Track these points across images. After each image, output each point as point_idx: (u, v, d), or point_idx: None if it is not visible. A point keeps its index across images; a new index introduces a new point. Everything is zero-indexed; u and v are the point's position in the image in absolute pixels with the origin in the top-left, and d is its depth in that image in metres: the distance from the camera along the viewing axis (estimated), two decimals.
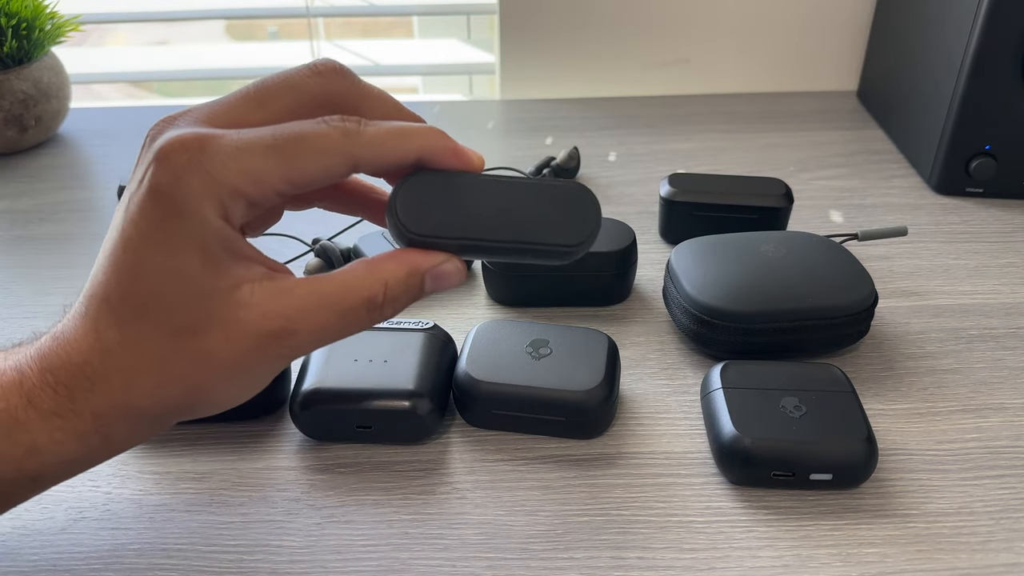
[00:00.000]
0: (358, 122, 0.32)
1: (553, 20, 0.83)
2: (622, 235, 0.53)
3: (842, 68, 0.85)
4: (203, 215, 0.30)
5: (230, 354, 0.31)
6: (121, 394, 0.31)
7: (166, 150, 0.30)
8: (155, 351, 0.31)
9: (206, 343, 0.31)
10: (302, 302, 0.32)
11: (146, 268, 0.30)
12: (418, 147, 0.33)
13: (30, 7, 0.71)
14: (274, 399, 0.46)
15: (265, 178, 0.31)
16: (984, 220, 0.63)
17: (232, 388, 0.33)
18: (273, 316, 0.31)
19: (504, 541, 0.38)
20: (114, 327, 0.31)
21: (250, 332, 0.31)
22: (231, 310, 0.31)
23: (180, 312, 0.31)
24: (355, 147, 0.32)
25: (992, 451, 0.43)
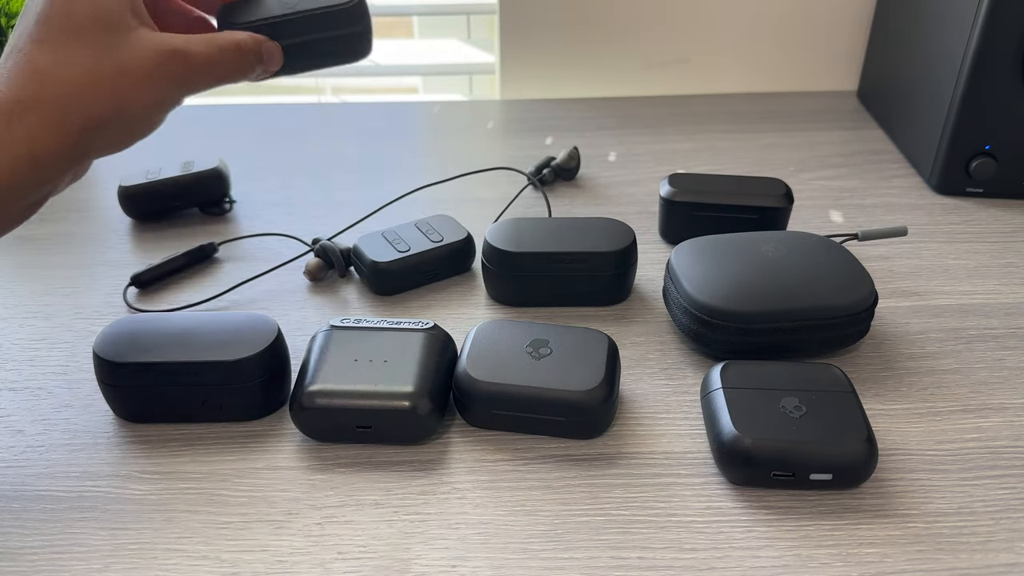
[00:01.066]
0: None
1: (553, 20, 0.83)
2: (622, 235, 0.53)
3: (842, 68, 0.85)
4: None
5: (140, 64, 0.40)
6: (54, 110, 0.38)
7: None
8: (82, 62, 0.39)
9: (121, 56, 0.40)
10: (188, 38, 0.42)
11: (74, 7, 0.39)
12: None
13: None
14: (274, 399, 0.46)
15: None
16: (984, 220, 0.63)
17: (144, 98, 0.41)
18: (170, 43, 0.41)
19: (504, 541, 0.38)
20: (47, 55, 0.39)
21: (153, 50, 0.41)
22: (138, 39, 0.41)
23: (100, 35, 0.40)
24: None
25: (992, 451, 0.43)
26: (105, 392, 0.45)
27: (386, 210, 0.64)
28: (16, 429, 0.45)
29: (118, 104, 0.40)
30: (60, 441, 0.44)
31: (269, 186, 0.68)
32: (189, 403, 0.44)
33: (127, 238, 0.62)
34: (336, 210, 0.65)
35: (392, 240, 0.55)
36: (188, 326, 0.45)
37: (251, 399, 0.45)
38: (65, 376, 0.48)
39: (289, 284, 0.56)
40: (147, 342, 0.44)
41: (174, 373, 0.43)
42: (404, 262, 0.54)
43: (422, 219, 0.58)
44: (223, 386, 0.44)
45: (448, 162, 0.73)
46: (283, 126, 0.79)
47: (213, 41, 0.43)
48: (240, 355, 0.43)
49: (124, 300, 0.55)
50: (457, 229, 0.57)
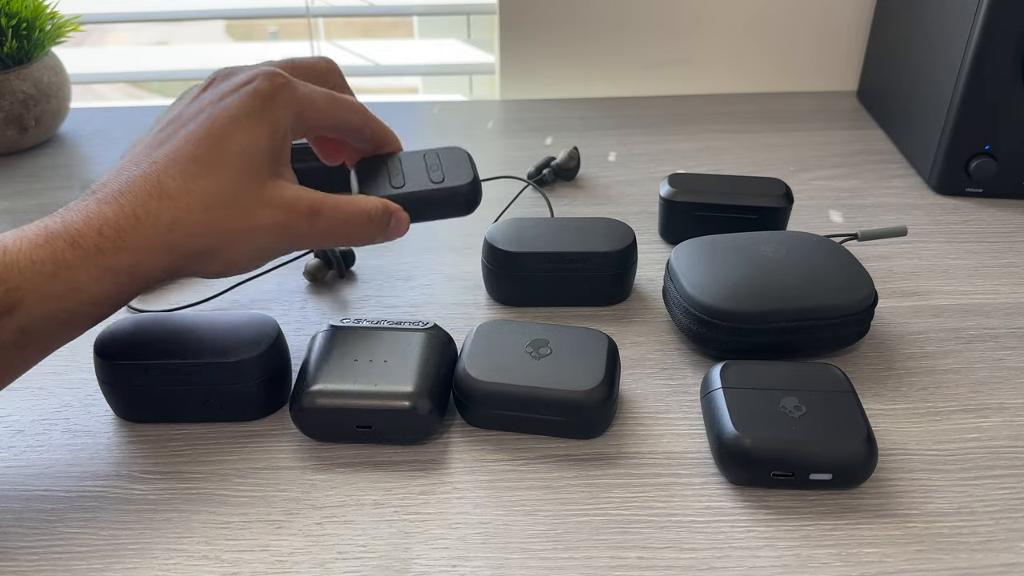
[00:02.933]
0: None
1: (553, 20, 0.83)
2: (622, 235, 0.53)
3: (842, 68, 0.85)
4: (282, 118, 0.42)
5: (265, 214, 0.41)
6: (164, 231, 0.39)
7: (269, 74, 0.42)
8: (211, 199, 0.40)
9: (250, 200, 0.41)
10: (322, 199, 0.43)
11: (229, 141, 0.40)
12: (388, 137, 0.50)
13: (30, 7, 0.71)
14: (274, 399, 0.46)
15: (323, 113, 0.44)
16: (984, 220, 0.63)
17: (250, 248, 0.42)
18: (303, 202, 0.42)
19: (504, 541, 0.38)
20: (177, 177, 0.39)
21: (287, 202, 0.42)
22: (275, 188, 0.42)
23: (242, 176, 0.40)
24: (368, 120, 0.47)
25: (992, 451, 0.43)
26: (105, 392, 0.45)
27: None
28: (16, 429, 0.45)
29: (225, 244, 0.41)
30: (60, 441, 0.44)
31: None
32: (189, 403, 0.44)
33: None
34: None
35: (391, 171, 0.49)
36: (188, 326, 0.45)
37: (251, 399, 0.45)
38: (65, 376, 0.48)
39: (289, 284, 0.56)
40: (147, 342, 0.44)
41: (174, 373, 0.43)
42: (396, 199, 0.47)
43: (432, 150, 0.50)
44: (223, 386, 0.44)
45: None
46: None
47: (345, 208, 0.43)
48: (240, 355, 0.43)
49: None
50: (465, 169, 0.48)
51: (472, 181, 0.47)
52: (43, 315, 0.37)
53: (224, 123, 0.41)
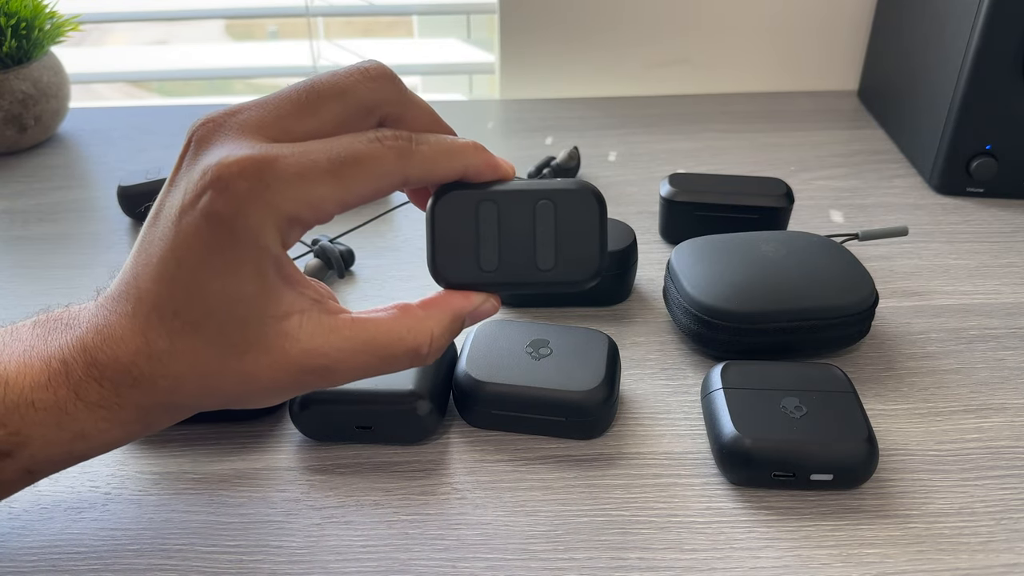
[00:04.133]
0: (410, 140, 0.33)
1: (553, 20, 0.83)
2: (622, 235, 0.53)
3: (842, 68, 0.85)
4: (263, 244, 0.31)
5: (270, 380, 0.33)
6: (164, 394, 0.33)
7: (223, 176, 0.30)
8: (203, 365, 0.32)
9: (250, 366, 0.32)
10: (347, 343, 0.33)
11: (203, 289, 0.31)
12: (463, 166, 0.34)
13: (29, 7, 0.71)
14: None
15: (323, 205, 0.31)
16: (985, 220, 0.63)
17: (264, 402, 0.35)
18: (316, 354, 0.32)
19: (504, 542, 0.38)
20: (164, 337, 0.32)
21: (293, 364, 0.32)
22: (279, 340, 0.32)
23: (231, 334, 0.32)
24: (407, 167, 0.33)
25: (993, 451, 0.43)
26: None
27: (387, 214, 0.64)
28: None
29: (234, 402, 0.34)
30: None
31: None
32: None
33: (127, 238, 0.62)
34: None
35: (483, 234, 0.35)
36: None
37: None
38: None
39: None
40: None
41: None
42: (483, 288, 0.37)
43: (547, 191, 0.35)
44: None
45: None
46: None
47: (376, 351, 0.33)
48: None
49: None
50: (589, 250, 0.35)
51: (596, 272, 0.34)
52: (47, 458, 0.34)
53: (191, 264, 0.31)
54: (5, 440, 0.33)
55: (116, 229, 0.63)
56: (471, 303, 0.35)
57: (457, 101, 0.95)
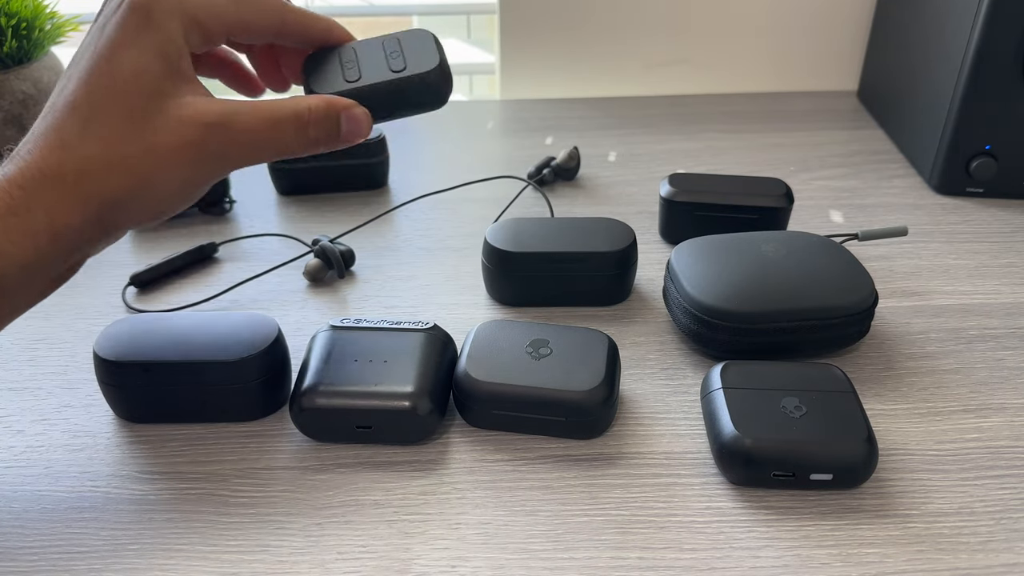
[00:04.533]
0: None
1: (553, 20, 0.83)
2: (622, 235, 0.53)
3: (842, 68, 0.85)
4: (170, 29, 0.37)
5: (172, 140, 0.37)
6: (72, 184, 0.36)
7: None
8: (109, 137, 0.36)
9: (152, 131, 0.37)
10: (236, 106, 0.38)
11: (114, 69, 0.37)
12: (327, 25, 0.43)
13: (30, 7, 0.71)
14: (274, 399, 0.46)
15: (223, 17, 0.39)
16: (984, 220, 0.63)
17: (172, 179, 0.38)
18: (211, 113, 0.37)
19: (504, 541, 0.38)
20: (76, 124, 0.36)
21: (189, 121, 0.37)
22: (176, 107, 0.37)
23: (136, 104, 0.37)
24: (288, 13, 0.41)
25: (992, 451, 0.43)
26: (105, 392, 0.45)
27: (387, 214, 0.64)
28: (16, 429, 0.45)
29: (141, 183, 0.37)
30: (60, 441, 0.44)
31: (269, 186, 0.68)
32: (189, 403, 0.44)
33: (127, 238, 0.62)
34: (336, 210, 0.65)
35: (345, 63, 0.43)
36: (188, 326, 0.45)
37: (251, 399, 0.45)
38: (65, 376, 0.48)
39: (289, 284, 0.56)
40: (147, 342, 0.44)
41: (174, 373, 0.43)
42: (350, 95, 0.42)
43: (391, 35, 0.44)
44: (223, 386, 0.44)
45: (448, 162, 0.73)
46: None
47: (271, 111, 0.39)
48: (240, 355, 0.43)
49: (123, 300, 0.55)
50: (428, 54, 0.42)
51: (439, 65, 0.41)
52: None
53: (106, 52, 0.37)
54: None
55: None
56: (343, 102, 0.40)
57: (457, 101, 0.95)
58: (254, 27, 0.41)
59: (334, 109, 0.40)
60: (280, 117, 0.39)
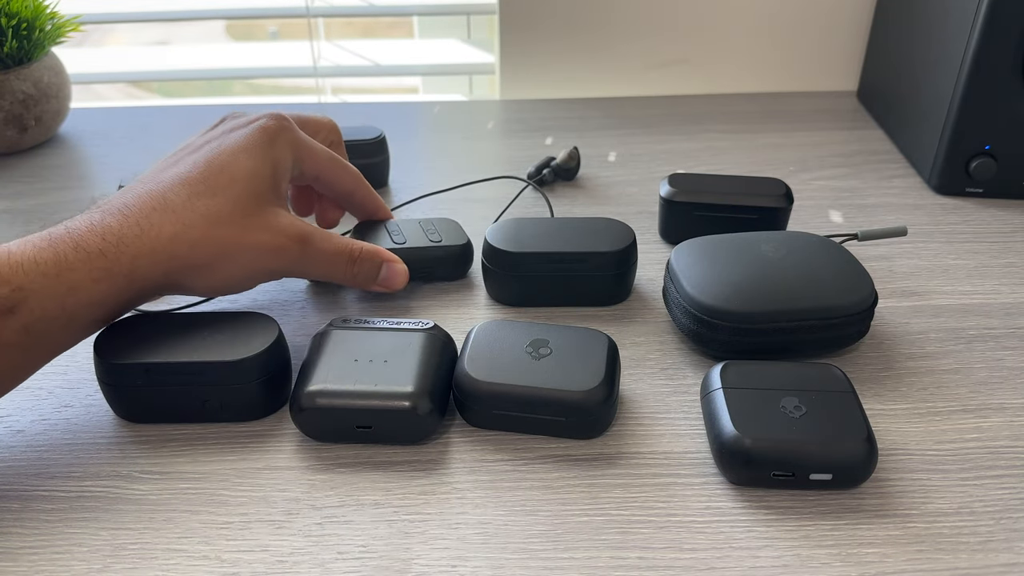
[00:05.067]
0: None
1: (553, 20, 0.83)
2: (622, 235, 0.53)
3: (842, 68, 0.85)
4: (285, 156, 0.47)
5: (262, 236, 0.44)
6: (166, 242, 0.42)
7: (275, 115, 0.48)
8: (212, 214, 0.43)
9: (248, 222, 0.44)
10: (314, 230, 0.47)
11: (234, 165, 0.44)
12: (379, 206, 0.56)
13: (30, 7, 0.71)
14: (274, 399, 0.46)
15: (318, 166, 0.50)
16: (984, 220, 0.63)
17: (245, 266, 0.45)
18: (299, 225, 0.46)
19: (504, 541, 0.38)
20: (182, 195, 0.43)
21: (282, 227, 0.45)
22: (274, 215, 0.45)
23: (243, 197, 0.44)
24: (359, 187, 0.54)
25: (992, 451, 0.43)
26: (105, 392, 0.45)
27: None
28: (16, 429, 0.45)
29: (222, 259, 0.43)
30: (60, 441, 0.44)
31: None
32: (189, 403, 0.44)
33: None
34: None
35: (392, 231, 0.56)
36: (188, 326, 0.45)
37: (251, 399, 0.45)
38: (65, 376, 0.48)
39: (289, 284, 0.56)
40: (147, 342, 0.44)
41: (174, 373, 0.43)
42: (399, 254, 0.53)
43: (426, 219, 0.58)
44: (223, 386, 0.44)
45: (448, 162, 0.73)
46: None
47: (334, 243, 0.48)
48: (240, 355, 0.43)
49: None
50: (459, 234, 0.56)
51: (468, 242, 0.56)
52: (44, 315, 0.39)
53: (231, 151, 0.45)
54: (8, 297, 0.38)
55: None
56: (389, 254, 0.51)
57: (457, 101, 0.95)
58: (336, 185, 0.52)
59: (379, 256, 0.50)
60: (340, 249, 0.48)
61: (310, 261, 0.47)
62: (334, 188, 0.52)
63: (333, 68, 0.93)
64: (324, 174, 0.51)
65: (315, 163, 0.50)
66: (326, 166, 0.50)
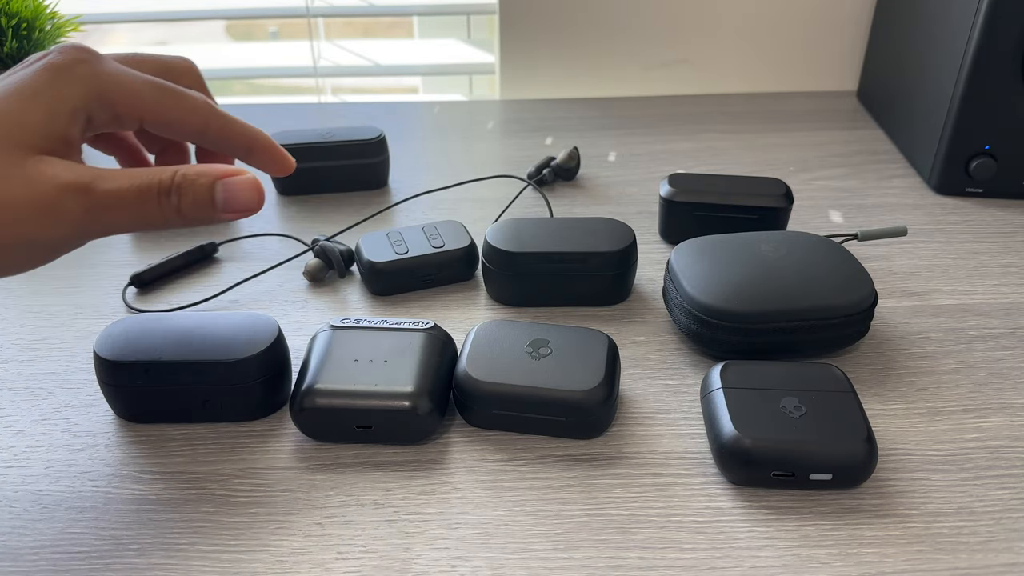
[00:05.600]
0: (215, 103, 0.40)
1: (553, 20, 0.83)
2: (622, 235, 0.53)
3: (842, 68, 0.85)
4: (70, 94, 0.35)
5: (27, 192, 0.34)
6: None
7: (68, 47, 0.36)
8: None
9: (9, 178, 0.33)
10: (104, 172, 0.35)
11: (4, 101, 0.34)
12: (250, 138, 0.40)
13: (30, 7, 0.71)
14: (274, 399, 0.46)
15: (140, 104, 0.37)
16: (984, 220, 0.63)
17: (15, 239, 0.34)
18: (75, 174, 0.34)
19: (504, 541, 0.38)
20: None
21: (46, 177, 0.34)
22: (42, 163, 0.34)
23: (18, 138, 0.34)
24: (213, 118, 0.39)
25: (992, 451, 0.43)
26: (105, 392, 0.45)
27: (386, 212, 0.64)
28: (16, 429, 0.45)
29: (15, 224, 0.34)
30: (60, 441, 0.44)
31: (269, 186, 0.68)
32: (189, 403, 0.44)
33: (127, 238, 0.62)
34: (336, 210, 0.65)
35: (393, 241, 0.55)
36: (188, 326, 0.45)
37: (251, 399, 0.45)
38: (65, 376, 0.48)
39: (289, 284, 0.56)
40: (147, 342, 0.44)
41: (174, 373, 0.43)
42: (401, 264, 0.54)
43: (429, 223, 0.57)
44: (223, 386, 0.44)
45: (448, 162, 0.73)
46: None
47: (128, 176, 0.35)
48: (240, 355, 0.43)
49: (124, 300, 0.55)
50: (462, 236, 0.56)
51: (471, 243, 0.55)
52: None
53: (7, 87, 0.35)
54: None
55: None
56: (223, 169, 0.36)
57: (457, 101, 0.95)
58: (175, 123, 0.38)
59: (208, 175, 0.36)
60: (143, 184, 0.35)
61: (103, 213, 0.35)
62: (176, 130, 0.39)
63: (333, 68, 0.93)
64: (151, 113, 0.37)
65: (131, 101, 0.36)
66: (150, 101, 0.37)
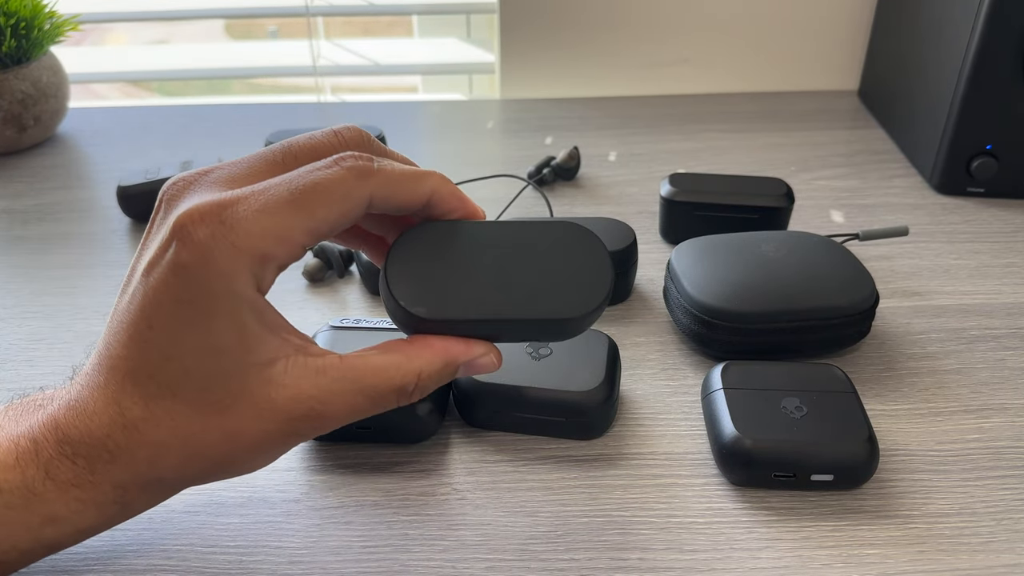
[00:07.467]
0: (371, 160, 0.32)
1: (553, 20, 0.83)
2: (622, 235, 0.53)
3: (842, 68, 0.85)
4: (236, 291, 0.29)
5: (258, 433, 0.31)
6: (145, 467, 0.31)
7: (185, 224, 0.29)
8: (183, 428, 0.30)
9: (236, 421, 0.30)
10: (335, 385, 0.31)
11: (177, 347, 0.30)
12: (429, 189, 0.33)
13: (29, 6, 0.71)
14: None
15: (290, 235, 0.30)
16: (985, 220, 0.63)
17: (254, 462, 0.33)
18: (304, 398, 0.31)
19: (504, 542, 0.38)
20: (139, 403, 0.30)
21: (280, 412, 0.31)
22: (263, 388, 0.30)
23: (212, 390, 0.30)
24: (370, 187, 0.31)
25: (994, 452, 0.43)
26: None
27: None
28: None
29: (220, 468, 0.32)
30: None
31: None
32: None
33: (127, 238, 0.62)
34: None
35: None
36: None
37: None
38: (65, 376, 0.48)
39: (288, 284, 0.56)
40: None
41: None
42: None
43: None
44: None
45: (448, 162, 0.73)
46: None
47: (364, 390, 0.32)
48: None
49: None
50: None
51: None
52: (13, 546, 0.31)
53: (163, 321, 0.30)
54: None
55: (116, 229, 0.63)
56: (468, 352, 0.33)
57: (457, 101, 0.95)
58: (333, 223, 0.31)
59: (453, 365, 0.33)
60: (381, 393, 0.32)
61: (334, 425, 0.32)
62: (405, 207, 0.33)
63: (333, 67, 0.92)
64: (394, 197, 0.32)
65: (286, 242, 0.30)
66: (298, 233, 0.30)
